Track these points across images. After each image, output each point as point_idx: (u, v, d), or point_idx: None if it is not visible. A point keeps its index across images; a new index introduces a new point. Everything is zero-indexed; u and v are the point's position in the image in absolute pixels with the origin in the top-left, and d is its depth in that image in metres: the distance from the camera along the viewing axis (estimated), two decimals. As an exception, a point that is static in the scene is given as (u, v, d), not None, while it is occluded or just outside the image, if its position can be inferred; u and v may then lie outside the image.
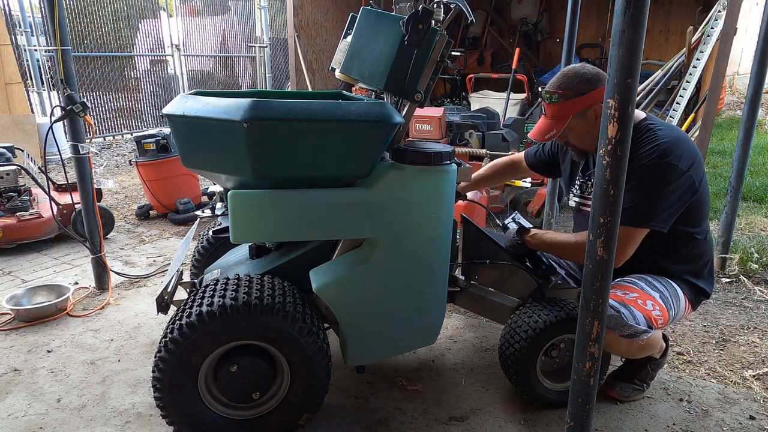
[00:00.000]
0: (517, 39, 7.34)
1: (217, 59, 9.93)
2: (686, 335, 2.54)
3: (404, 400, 2.01)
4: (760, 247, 3.42)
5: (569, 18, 3.30)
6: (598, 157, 1.27)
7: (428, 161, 1.68)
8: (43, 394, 2.03)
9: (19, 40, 6.74)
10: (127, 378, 2.13)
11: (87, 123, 2.69)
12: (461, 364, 2.26)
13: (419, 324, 1.88)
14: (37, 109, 6.97)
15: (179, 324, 1.55)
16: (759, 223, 4.19)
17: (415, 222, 1.73)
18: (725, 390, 2.10)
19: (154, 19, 8.48)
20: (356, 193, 1.67)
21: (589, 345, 1.39)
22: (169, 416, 1.62)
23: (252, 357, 1.64)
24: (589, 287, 1.35)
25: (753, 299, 2.92)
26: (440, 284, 1.87)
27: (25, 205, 3.52)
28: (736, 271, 3.20)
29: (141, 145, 4.08)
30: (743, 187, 3.15)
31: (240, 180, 1.65)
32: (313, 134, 1.54)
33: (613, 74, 1.20)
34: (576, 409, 1.47)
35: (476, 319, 2.63)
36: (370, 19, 1.82)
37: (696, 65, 4.85)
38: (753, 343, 2.47)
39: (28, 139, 5.76)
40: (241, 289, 1.61)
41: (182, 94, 1.70)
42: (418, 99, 1.71)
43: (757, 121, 3.02)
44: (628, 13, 1.14)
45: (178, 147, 1.73)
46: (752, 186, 5.21)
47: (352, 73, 1.87)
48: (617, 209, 1.27)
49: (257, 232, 1.65)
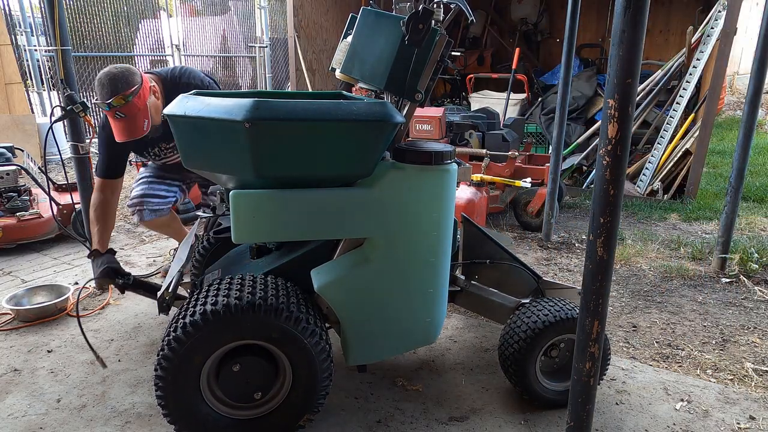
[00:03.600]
0: (517, 39, 7.33)
1: (217, 59, 9.93)
2: (686, 335, 2.55)
3: (404, 400, 2.01)
4: (760, 247, 3.42)
5: (569, 18, 3.30)
6: (598, 157, 1.27)
7: (429, 161, 1.69)
8: (43, 394, 2.03)
9: (19, 40, 6.74)
10: (127, 378, 2.13)
11: (87, 123, 2.69)
12: (461, 364, 2.26)
13: (420, 323, 1.88)
14: (37, 109, 6.97)
15: (183, 323, 1.55)
16: (759, 223, 4.19)
17: (416, 221, 1.73)
18: (725, 390, 2.10)
19: (154, 19, 8.48)
20: (357, 193, 1.67)
21: (589, 345, 1.39)
22: (170, 415, 1.62)
23: (254, 357, 1.64)
24: (589, 287, 1.35)
25: (753, 299, 2.92)
26: (441, 284, 1.87)
27: (25, 205, 3.52)
28: (736, 271, 3.20)
29: (141, 145, 4.07)
30: (743, 187, 3.15)
31: (241, 180, 1.66)
32: (314, 134, 1.54)
33: (613, 74, 1.20)
34: (576, 409, 1.47)
35: (476, 319, 2.63)
36: (370, 19, 1.82)
37: (696, 65, 4.85)
38: (753, 343, 2.47)
39: (28, 139, 5.76)
40: (245, 289, 1.61)
41: (183, 95, 1.71)
42: (418, 99, 1.72)
43: (757, 121, 3.03)
44: (628, 13, 1.15)
45: (179, 147, 1.73)
46: (752, 186, 5.22)
47: (353, 73, 1.87)
48: (617, 209, 1.27)
49: (259, 232, 1.65)
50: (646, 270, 3.31)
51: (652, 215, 4.49)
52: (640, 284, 3.12)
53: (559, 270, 3.34)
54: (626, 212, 4.59)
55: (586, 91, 5.87)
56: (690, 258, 3.51)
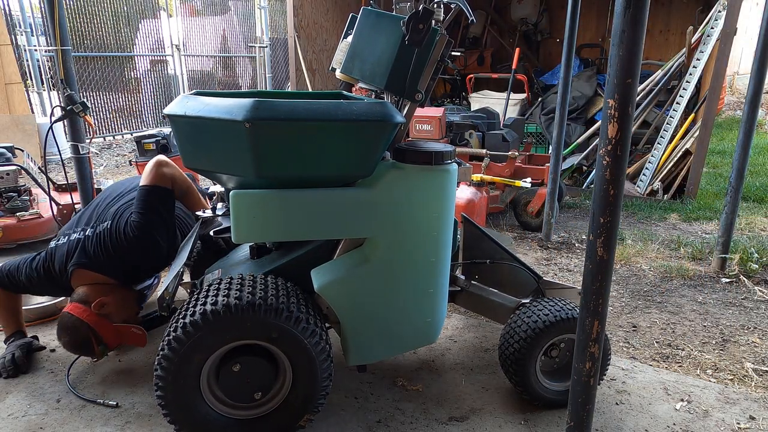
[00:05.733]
0: (517, 39, 7.34)
1: (217, 59, 9.93)
2: (686, 335, 2.55)
3: (404, 400, 2.01)
4: (760, 247, 3.43)
5: (569, 18, 3.30)
6: (598, 157, 1.27)
7: (429, 161, 1.69)
8: (43, 394, 2.03)
9: (19, 40, 6.75)
10: (127, 378, 2.13)
11: (87, 123, 2.69)
12: (461, 364, 2.26)
13: (420, 323, 1.88)
14: (37, 109, 6.97)
15: (183, 322, 1.55)
16: (759, 223, 4.19)
17: (416, 221, 1.73)
18: (725, 390, 2.10)
19: (154, 19, 8.48)
20: (357, 193, 1.67)
21: (589, 345, 1.39)
22: (170, 415, 1.62)
23: (254, 357, 1.64)
24: (589, 287, 1.35)
25: (753, 299, 2.92)
26: (441, 284, 1.87)
27: (25, 205, 3.52)
28: (736, 271, 3.20)
29: (141, 145, 4.08)
30: (743, 187, 3.16)
31: (242, 180, 1.66)
32: (314, 134, 1.54)
33: (613, 74, 1.20)
34: (576, 409, 1.47)
35: (476, 319, 2.63)
36: (370, 19, 1.82)
37: (696, 65, 4.85)
38: (753, 343, 2.47)
39: (28, 139, 5.76)
40: (245, 289, 1.61)
41: (183, 95, 1.71)
42: (418, 99, 1.72)
43: (757, 121, 3.03)
44: (628, 13, 1.15)
45: (179, 147, 1.73)
46: (752, 186, 5.22)
47: (353, 73, 1.87)
48: (617, 209, 1.27)
49: (259, 232, 1.65)
50: (646, 270, 3.32)
51: (652, 215, 4.49)
52: (640, 284, 3.12)
53: (559, 270, 3.34)
54: (626, 212, 4.59)
55: (586, 91, 5.87)
56: (690, 258, 3.51)
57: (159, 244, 2.06)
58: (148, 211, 2.04)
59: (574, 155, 5.45)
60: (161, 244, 2.07)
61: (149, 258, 2.08)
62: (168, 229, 2.11)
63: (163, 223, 2.07)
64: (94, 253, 2.02)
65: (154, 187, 2.09)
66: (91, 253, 2.03)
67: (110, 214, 2.12)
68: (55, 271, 2.09)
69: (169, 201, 2.14)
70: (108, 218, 2.10)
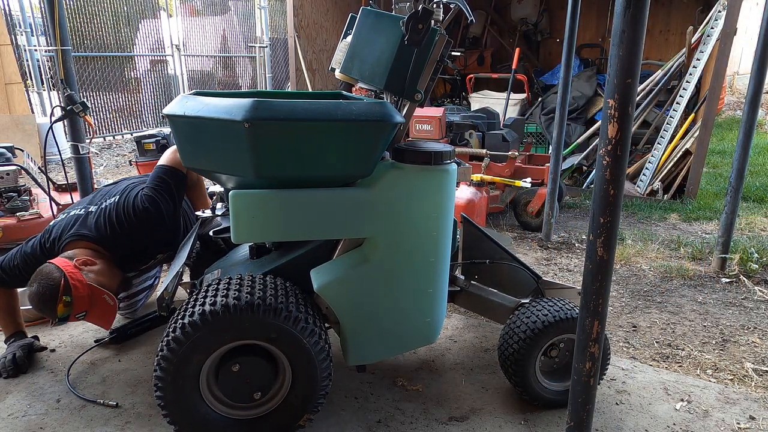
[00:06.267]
0: (517, 39, 7.33)
1: (217, 59, 9.94)
2: (686, 335, 2.54)
3: (404, 400, 2.01)
4: (760, 247, 3.42)
5: (569, 18, 3.30)
6: (598, 157, 1.27)
7: (428, 161, 1.69)
8: (43, 394, 2.03)
9: (19, 40, 6.75)
10: (127, 378, 2.13)
11: (87, 123, 2.69)
12: (461, 364, 2.26)
13: (420, 323, 1.88)
14: (37, 109, 6.98)
15: (182, 323, 1.55)
16: (759, 223, 4.19)
17: (416, 221, 1.73)
18: (725, 390, 2.10)
19: (154, 19, 8.48)
20: (357, 193, 1.67)
21: (589, 345, 1.39)
22: (170, 415, 1.62)
23: (254, 357, 1.64)
24: (589, 287, 1.35)
25: (753, 299, 2.92)
26: (441, 284, 1.87)
27: (25, 205, 3.51)
28: (736, 271, 3.20)
29: (141, 145, 4.08)
30: (743, 187, 3.15)
31: (241, 180, 1.66)
32: (314, 134, 1.54)
33: (613, 74, 1.20)
34: (576, 409, 1.47)
35: (476, 319, 2.63)
36: (370, 19, 1.82)
37: (696, 65, 4.85)
38: (753, 343, 2.47)
39: (28, 139, 5.76)
40: (244, 289, 1.61)
41: (183, 95, 1.71)
42: (418, 99, 1.72)
43: (757, 121, 3.03)
44: (628, 13, 1.15)
45: (178, 147, 1.73)
46: (752, 186, 5.22)
47: (352, 73, 1.87)
48: (617, 209, 1.27)
49: (258, 232, 1.65)
50: (646, 270, 3.31)
51: (652, 215, 4.49)
52: (640, 284, 3.12)
53: (559, 270, 3.34)
54: (626, 212, 4.59)
55: (586, 91, 5.87)
56: (690, 258, 3.51)
57: (164, 222, 2.08)
58: (161, 188, 2.08)
59: (574, 155, 5.45)
60: (166, 223, 2.09)
61: (150, 234, 2.09)
62: (175, 211, 2.14)
63: (172, 204, 2.11)
64: (95, 226, 2.04)
65: (172, 168, 2.13)
66: (92, 225, 2.05)
67: (119, 190, 2.15)
68: (49, 243, 2.08)
69: (182, 186, 2.17)
70: (117, 194, 2.13)
